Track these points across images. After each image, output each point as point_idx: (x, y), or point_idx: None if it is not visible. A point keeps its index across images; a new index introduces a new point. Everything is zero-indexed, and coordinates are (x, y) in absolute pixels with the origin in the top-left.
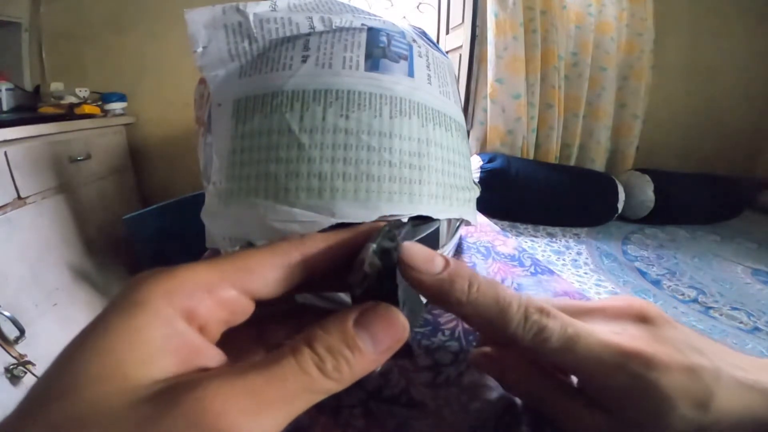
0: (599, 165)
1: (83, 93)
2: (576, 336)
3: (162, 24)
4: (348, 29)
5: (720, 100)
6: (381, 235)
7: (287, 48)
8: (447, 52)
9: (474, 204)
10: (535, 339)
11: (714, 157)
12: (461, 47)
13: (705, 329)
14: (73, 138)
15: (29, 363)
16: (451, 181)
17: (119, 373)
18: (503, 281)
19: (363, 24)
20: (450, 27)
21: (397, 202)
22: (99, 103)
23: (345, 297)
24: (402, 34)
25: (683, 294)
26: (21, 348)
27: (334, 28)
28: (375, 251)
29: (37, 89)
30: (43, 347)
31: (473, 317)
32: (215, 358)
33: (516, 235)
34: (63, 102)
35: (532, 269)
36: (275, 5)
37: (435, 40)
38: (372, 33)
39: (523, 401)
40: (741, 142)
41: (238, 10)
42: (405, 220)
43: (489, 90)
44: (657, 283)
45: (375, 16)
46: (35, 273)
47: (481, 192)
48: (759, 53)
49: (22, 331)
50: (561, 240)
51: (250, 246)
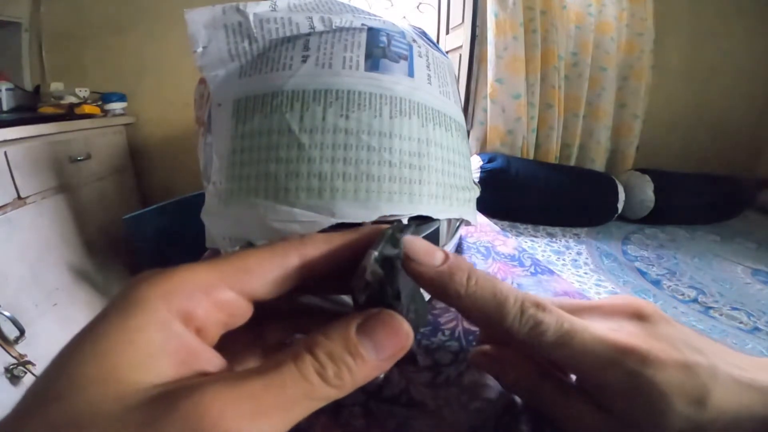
0: (599, 165)
1: (83, 93)
2: (572, 331)
3: (162, 24)
4: (348, 29)
5: (720, 100)
6: (383, 241)
7: (287, 48)
8: (447, 52)
9: (474, 204)
10: (531, 333)
11: (714, 157)
12: (461, 47)
13: (705, 329)
14: (73, 138)
15: (29, 363)
16: (451, 181)
17: (116, 376)
18: (503, 281)
19: (363, 24)
20: (450, 27)
21: (397, 202)
22: (99, 103)
23: (348, 299)
24: (402, 34)
25: (683, 294)
26: (21, 348)
27: (334, 28)
28: (377, 259)
29: (37, 89)
30: (43, 347)
31: (471, 310)
32: (213, 360)
33: (516, 235)
34: (63, 102)
35: (532, 269)
36: (275, 5)
37: (435, 40)
38: (372, 33)
39: (523, 400)
40: (741, 142)
41: (238, 10)
42: (405, 220)
43: (489, 90)
44: (657, 283)
45: (375, 16)
46: (35, 273)
47: (481, 192)
48: (759, 53)
49: (22, 331)
50: (561, 240)
51: (250, 246)
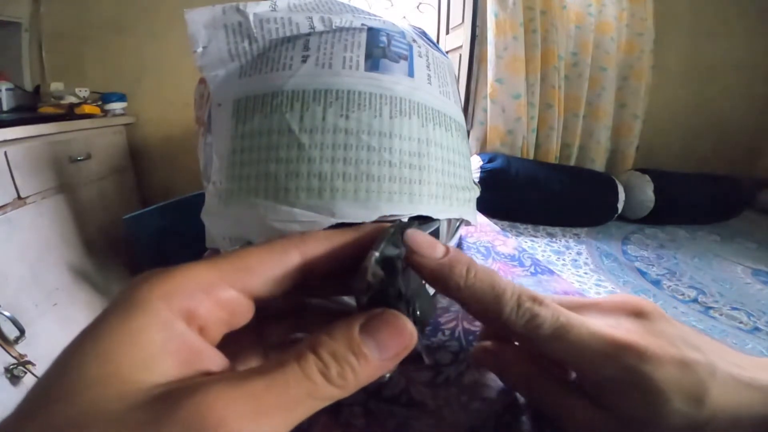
0: (599, 165)
1: (83, 93)
2: (567, 325)
3: (162, 24)
4: (348, 29)
5: (720, 100)
6: (384, 241)
7: (287, 48)
8: (447, 52)
9: (474, 204)
10: (528, 325)
11: (714, 157)
12: (461, 47)
13: (705, 329)
14: (73, 138)
15: (29, 363)
16: (451, 181)
17: (118, 376)
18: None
19: (363, 24)
20: (450, 27)
21: (397, 202)
22: (99, 103)
23: (350, 300)
24: (402, 34)
25: (683, 294)
26: (21, 348)
27: (334, 28)
28: (377, 260)
29: (37, 89)
30: (43, 347)
31: (470, 302)
32: (215, 360)
33: (516, 235)
34: (63, 102)
35: (532, 269)
36: (275, 5)
37: (435, 40)
38: (372, 33)
39: (523, 398)
40: (741, 142)
41: (238, 10)
42: (405, 220)
43: (489, 90)
44: (657, 283)
45: (375, 16)
46: (35, 273)
47: (481, 192)
48: (759, 53)
49: (22, 331)
50: (561, 240)
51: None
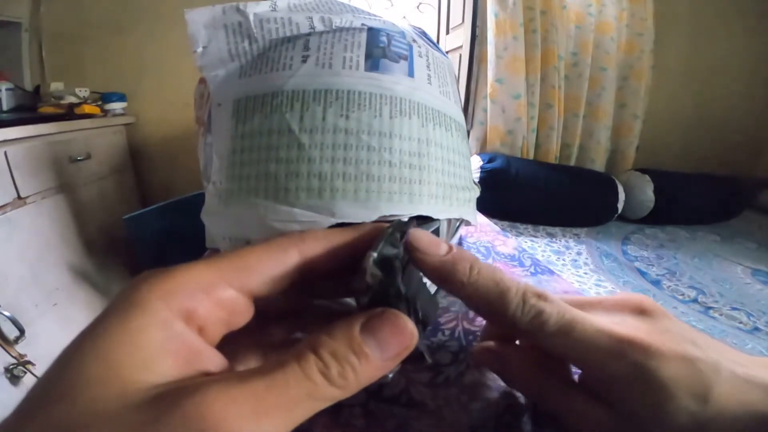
0: (599, 165)
1: (83, 93)
2: (573, 321)
3: (162, 24)
4: (348, 29)
5: (720, 100)
6: (382, 242)
7: (287, 48)
8: (447, 52)
9: (474, 204)
10: (533, 322)
11: (714, 157)
12: (461, 47)
13: (705, 329)
14: (73, 138)
15: (29, 363)
16: (451, 181)
17: (118, 376)
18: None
19: (363, 24)
20: (450, 27)
21: (397, 202)
22: (99, 103)
23: (351, 301)
24: (402, 34)
25: (683, 294)
26: (21, 348)
27: (334, 28)
28: (375, 261)
29: (37, 89)
30: (43, 347)
31: (474, 299)
32: (215, 360)
33: (516, 235)
34: (63, 102)
35: (532, 269)
36: (275, 5)
37: (435, 40)
38: (372, 33)
39: (525, 396)
40: (741, 142)
41: (238, 10)
42: (405, 220)
43: (489, 90)
44: (657, 283)
45: (375, 16)
46: (35, 273)
47: (481, 192)
48: (759, 53)
49: (22, 331)
50: (561, 240)
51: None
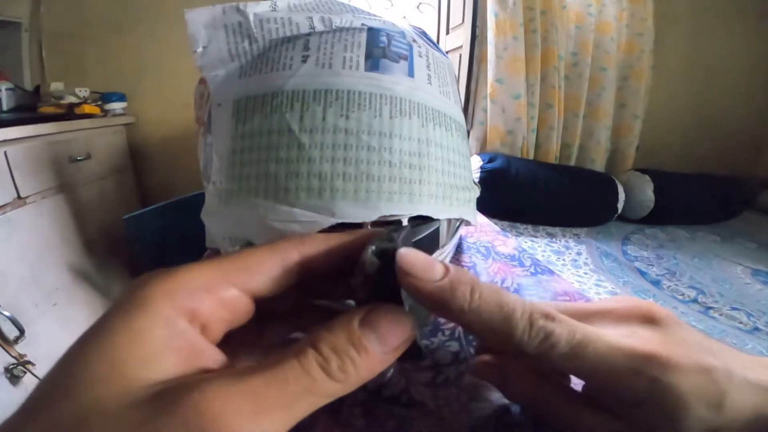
0: (599, 165)
1: (83, 93)
2: (585, 341)
3: (162, 24)
4: (348, 29)
5: (720, 100)
6: (379, 238)
7: (287, 48)
8: (447, 52)
9: (474, 204)
10: (542, 346)
11: (714, 157)
12: (461, 47)
13: (705, 329)
14: (73, 138)
15: (29, 363)
16: (451, 181)
17: (120, 374)
18: (503, 281)
19: (363, 24)
20: (450, 27)
21: (397, 202)
22: (99, 103)
23: (350, 303)
24: (402, 34)
25: (683, 294)
26: (21, 348)
27: (334, 28)
28: (374, 252)
29: (37, 89)
30: (43, 347)
31: (476, 325)
32: (216, 358)
33: (516, 235)
34: (63, 102)
35: (532, 269)
36: (275, 5)
37: (435, 40)
38: (372, 33)
39: (528, 409)
40: (741, 142)
41: (238, 10)
42: (405, 220)
43: (489, 90)
44: (657, 283)
45: (375, 16)
46: (35, 273)
47: (481, 192)
48: (759, 53)
49: (21, 331)
50: (561, 240)
51: (249, 246)
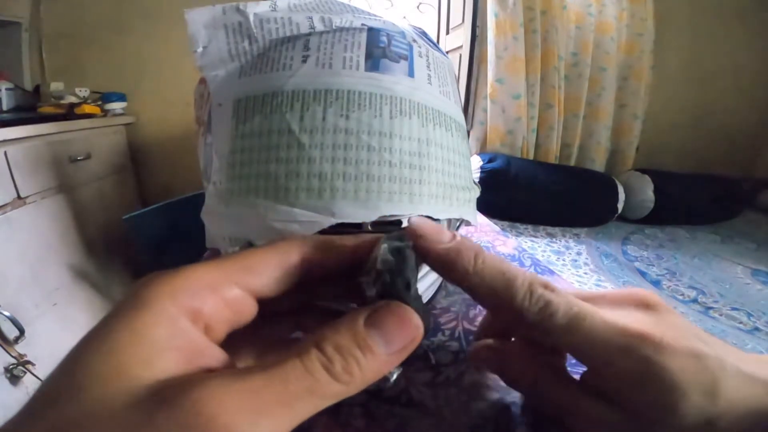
0: (599, 165)
1: (83, 93)
2: (581, 314)
3: (162, 24)
4: (348, 29)
5: (720, 100)
6: (390, 237)
7: (287, 48)
8: (447, 52)
9: (474, 204)
10: (541, 313)
11: (714, 157)
12: (461, 47)
13: (705, 329)
14: (73, 138)
15: (29, 363)
16: (451, 181)
17: (121, 373)
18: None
19: (363, 24)
20: (450, 27)
21: (398, 202)
22: (99, 103)
23: (353, 305)
24: (402, 34)
25: (683, 294)
26: (21, 348)
27: (334, 28)
28: (386, 249)
29: (37, 89)
30: (43, 347)
31: (479, 288)
32: (218, 358)
33: (516, 235)
34: (63, 102)
35: (532, 269)
36: (275, 5)
37: (435, 40)
38: (372, 33)
39: (525, 396)
40: (741, 142)
41: (238, 10)
42: (405, 220)
43: (489, 90)
44: (657, 284)
45: (375, 16)
46: (35, 273)
47: (481, 192)
48: (759, 54)
49: (21, 331)
50: (561, 240)
51: (250, 246)
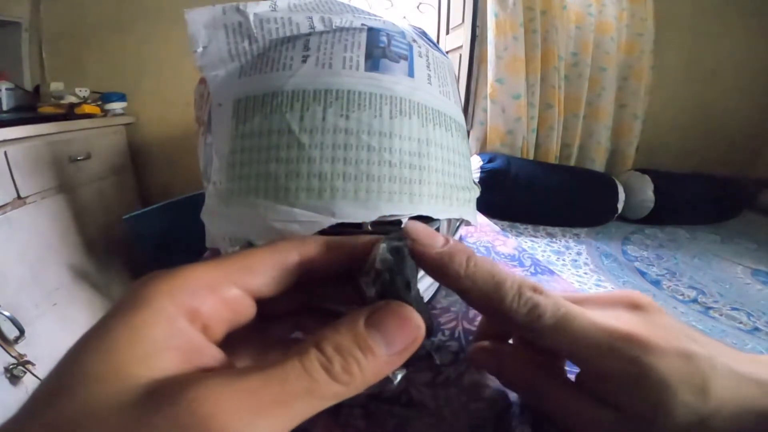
0: (599, 165)
1: (83, 93)
2: (569, 315)
3: (162, 24)
4: (348, 29)
5: (720, 100)
6: (389, 237)
7: (287, 48)
8: (447, 52)
9: (474, 204)
10: (529, 315)
11: (714, 157)
12: (461, 47)
13: (705, 329)
14: (73, 138)
15: (29, 363)
16: (451, 181)
17: (119, 372)
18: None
19: (363, 24)
20: (450, 27)
21: (397, 202)
22: (99, 103)
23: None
24: (402, 34)
25: (683, 294)
26: (21, 348)
27: (334, 28)
28: (385, 248)
29: (37, 89)
30: (43, 347)
31: (470, 291)
32: (217, 357)
33: (516, 235)
34: (63, 102)
35: (532, 269)
36: (275, 5)
37: (435, 40)
38: (372, 33)
39: (522, 397)
40: (741, 142)
41: (238, 10)
42: (405, 220)
43: (489, 90)
44: (657, 284)
45: (375, 16)
46: (35, 273)
47: (481, 192)
48: (759, 54)
49: (21, 331)
50: (561, 240)
51: (250, 246)
